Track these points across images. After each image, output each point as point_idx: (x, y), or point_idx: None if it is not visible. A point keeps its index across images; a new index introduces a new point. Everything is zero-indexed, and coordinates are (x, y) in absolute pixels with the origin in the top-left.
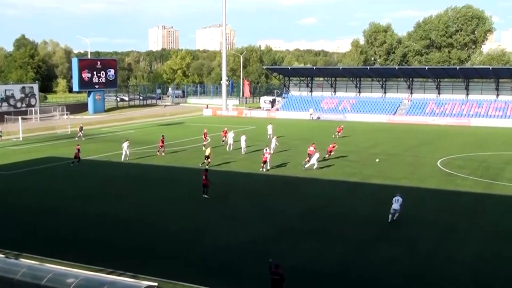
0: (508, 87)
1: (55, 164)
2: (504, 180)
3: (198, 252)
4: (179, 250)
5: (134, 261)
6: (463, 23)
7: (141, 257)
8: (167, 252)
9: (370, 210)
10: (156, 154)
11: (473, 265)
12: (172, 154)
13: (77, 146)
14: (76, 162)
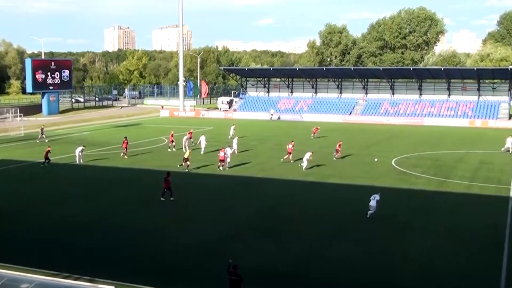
0: (459, 87)
1: (9, 167)
2: (456, 178)
3: (156, 253)
4: (136, 252)
5: (91, 264)
6: (416, 24)
7: (98, 260)
8: (124, 255)
9: (327, 209)
10: (121, 156)
11: (427, 261)
12: (130, 156)
13: (47, 148)
14: (46, 164)
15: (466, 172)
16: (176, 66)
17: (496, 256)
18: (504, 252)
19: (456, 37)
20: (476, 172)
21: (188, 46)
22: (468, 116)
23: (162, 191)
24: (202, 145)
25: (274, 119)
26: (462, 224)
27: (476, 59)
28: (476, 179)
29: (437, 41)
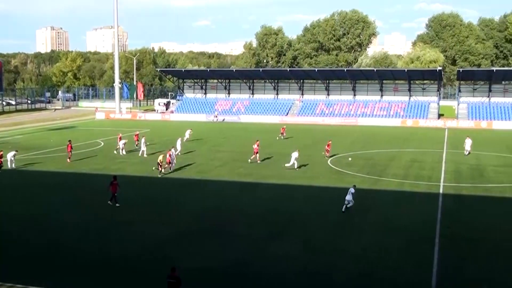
0: (391, 88)
1: None
2: (389, 176)
3: (94, 260)
4: (73, 259)
5: (25, 271)
6: (349, 27)
7: (31, 267)
8: (60, 262)
9: (266, 209)
10: (67, 161)
11: (363, 258)
12: (64, 159)
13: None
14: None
15: (398, 170)
16: (112, 68)
17: (428, 251)
18: (435, 247)
19: (388, 39)
20: (408, 170)
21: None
22: (400, 116)
23: (111, 195)
24: (143, 148)
25: (219, 120)
26: (395, 221)
27: (407, 60)
28: (408, 177)
29: (369, 43)
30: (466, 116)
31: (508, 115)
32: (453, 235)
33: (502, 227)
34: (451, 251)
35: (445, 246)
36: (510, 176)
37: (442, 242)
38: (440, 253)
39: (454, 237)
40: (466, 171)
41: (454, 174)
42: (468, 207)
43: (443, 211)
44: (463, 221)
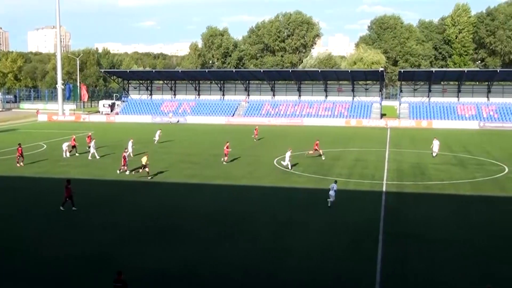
0: (335, 88)
1: None
2: (334, 175)
3: (37, 265)
4: (13, 265)
5: None
6: (294, 28)
7: None
8: (5, 267)
9: (213, 209)
10: (17, 165)
11: (309, 255)
12: (5, 163)
13: None
14: None
15: (343, 169)
16: (54, 69)
17: (372, 248)
18: (379, 244)
19: (332, 41)
20: (352, 169)
21: (67, 48)
22: (344, 116)
23: (63, 199)
24: (92, 150)
25: (173, 122)
26: (340, 219)
27: (350, 62)
28: (352, 175)
29: (314, 44)
30: (407, 116)
31: (447, 114)
32: (396, 231)
33: (443, 222)
34: (394, 247)
35: (389, 242)
36: (449, 174)
37: (385, 239)
38: (383, 249)
39: (397, 234)
40: (408, 169)
41: (397, 173)
42: (410, 204)
43: (386, 209)
44: (406, 217)
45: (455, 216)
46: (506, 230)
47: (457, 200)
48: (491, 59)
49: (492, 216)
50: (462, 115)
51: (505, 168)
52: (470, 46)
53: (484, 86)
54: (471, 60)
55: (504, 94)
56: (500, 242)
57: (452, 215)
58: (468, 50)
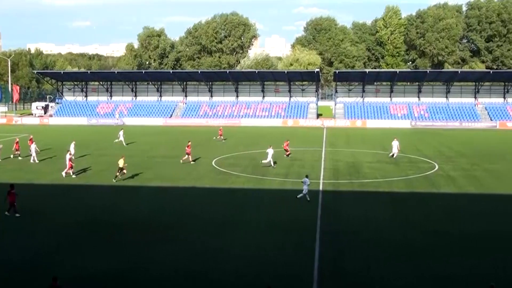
0: (272, 89)
1: None
2: (271, 175)
3: None
4: None
5: None
6: (230, 29)
7: None
8: None
9: (149, 212)
10: None
11: (248, 255)
12: None
13: None
14: None
15: (280, 169)
16: None
17: (309, 247)
18: (316, 242)
19: (269, 42)
20: (289, 168)
21: None
22: (281, 116)
23: (8, 206)
24: (33, 154)
25: (119, 123)
26: (278, 218)
27: (287, 62)
28: (289, 175)
29: (251, 45)
30: (342, 116)
31: (380, 114)
32: (333, 229)
33: (377, 219)
34: (332, 245)
35: (326, 240)
36: (383, 172)
37: (322, 237)
38: (321, 247)
39: (334, 232)
40: (344, 168)
41: (333, 172)
42: (346, 202)
43: (323, 207)
44: (342, 215)
45: (390, 213)
46: (439, 226)
47: (391, 197)
48: (421, 60)
49: (425, 212)
50: (394, 114)
51: (435, 165)
52: (402, 47)
53: (415, 86)
54: (403, 61)
55: (433, 94)
56: (434, 238)
57: (387, 213)
58: (399, 52)
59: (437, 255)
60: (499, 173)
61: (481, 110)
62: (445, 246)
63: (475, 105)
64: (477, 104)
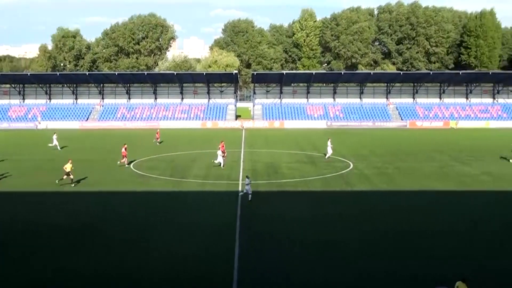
0: (191, 91)
1: None
2: (191, 177)
3: None
4: None
5: None
6: (148, 30)
7: None
8: None
9: (64, 218)
10: None
11: (168, 258)
12: None
13: None
14: None
15: (200, 171)
16: None
17: (229, 247)
18: (236, 243)
19: (187, 43)
20: (209, 170)
21: None
22: (200, 118)
23: None
24: None
25: (40, 127)
26: (198, 220)
27: (205, 64)
28: (209, 177)
29: (169, 47)
30: (261, 117)
31: (297, 114)
32: (253, 230)
33: (296, 219)
34: (251, 245)
35: (246, 241)
36: (301, 172)
37: (242, 238)
38: (240, 248)
39: (253, 232)
40: (262, 168)
41: (251, 172)
42: (265, 202)
43: (242, 208)
44: (261, 216)
45: (309, 213)
46: (357, 224)
47: (309, 197)
48: (336, 62)
49: (342, 210)
50: (311, 115)
51: (350, 164)
52: (317, 49)
53: (330, 87)
54: (319, 63)
55: (348, 95)
56: (353, 236)
57: (306, 212)
58: (315, 54)
59: (358, 253)
60: (409, 170)
61: (392, 110)
62: (366, 243)
63: (387, 105)
64: (388, 104)
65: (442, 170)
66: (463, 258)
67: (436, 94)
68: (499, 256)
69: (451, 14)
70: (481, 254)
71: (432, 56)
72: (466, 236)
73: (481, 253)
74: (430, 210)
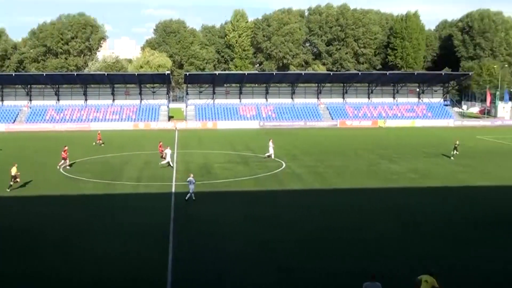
0: (123, 92)
1: None
2: (124, 179)
3: None
4: None
5: None
6: (77, 30)
7: None
8: None
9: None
10: None
11: (102, 261)
12: None
13: None
14: None
15: (133, 172)
16: None
17: (164, 248)
18: (170, 244)
19: (118, 44)
20: (142, 172)
21: None
22: (132, 119)
23: None
24: None
25: None
26: (132, 222)
27: (137, 65)
28: (142, 178)
29: (99, 47)
30: (194, 117)
31: (230, 115)
32: (187, 231)
33: (230, 219)
34: (186, 246)
35: (180, 242)
36: (233, 172)
37: (176, 239)
38: (174, 249)
39: (188, 233)
40: (196, 169)
41: (185, 173)
42: (199, 203)
43: (176, 209)
44: (195, 216)
45: (242, 213)
46: (291, 222)
47: (242, 197)
48: (268, 62)
49: (275, 210)
50: (244, 115)
51: (283, 163)
52: (249, 50)
53: (263, 87)
54: (251, 64)
55: (280, 95)
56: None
57: (239, 212)
58: (248, 54)
59: (291, 252)
60: (340, 168)
61: (323, 110)
62: (299, 242)
63: (317, 105)
64: (319, 104)
65: (371, 168)
66: (395, 252)
67: (365, 94)
68: (427, 248)
69: (378, 17)
70: (411, 248)
71: (360, 57)
72: (395, 232)
73: (411, 247)
74: (360, 207)
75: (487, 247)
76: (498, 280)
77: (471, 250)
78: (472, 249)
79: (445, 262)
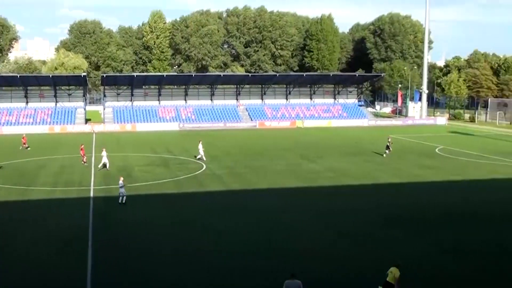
0: (37, 94)
1: None
2: (39, 185)
3: None
4: None
5: None
6: None
7: None
8: None
9: None
10: None
11: (21, 269)
12: None
13: None
14: None
15: (48, 178)
16: None
17: (82, 255)
18: (89, 250)
19: (31, 44)
20: (58, 176)
21: None
22: (47, 122)
23: None
24: None
25: None
26: (49, 228)
27: (52, 66)
28: (58, 184)
29: (11, 48)
30: (112, 120)
31: (149, 117)
32: (107, 236)
33: (151, 223)
34: (105, 252)
35: (99, 248)
36: (154, 174)
37: (95, 245)
38: (94, 255)
39: (107, 238)
40: (115, 173)
41: (104, 177)
42: (119, 207)
43: (95, 214)
44: (115, 221)
45: (163, 216)
46: (213, 224)
47: (163, 199)
48: (187, 64)
49: (196, 211)
50: (163, 117)
51: (203, 165)
52: (168, 51)
53: (182, 89)
54: (169, 65)
55: (199, 97)
56: (206, 236)
57: (161, 215)
58: (166, 56)
59: (213, 254)
60: (260, 169)
61: (242, 111)
62: (220, 242)
63: (237, 107)
64: (238, 106)
65: (290, 168)
66: (312, 250)
67: (283, 95)
68: (345, 245)
69: (294, 19)
70: (329, 245)
71: (278, 58)
72: (315, 230)
73: (329, 244)
74: (280, 207)
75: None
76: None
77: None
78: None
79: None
